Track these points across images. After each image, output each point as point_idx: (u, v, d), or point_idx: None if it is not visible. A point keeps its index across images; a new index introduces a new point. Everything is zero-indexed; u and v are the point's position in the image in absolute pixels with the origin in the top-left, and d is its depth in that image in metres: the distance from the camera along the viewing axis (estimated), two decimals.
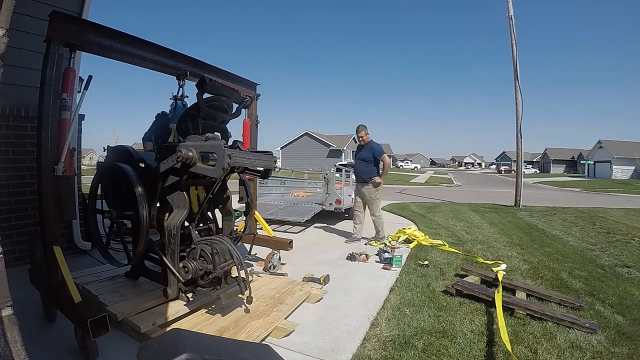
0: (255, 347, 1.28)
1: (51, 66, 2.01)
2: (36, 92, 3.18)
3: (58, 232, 2.16)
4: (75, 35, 2.18)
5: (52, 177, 2.06)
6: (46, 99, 2.01)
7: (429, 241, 5.32)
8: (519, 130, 10.83)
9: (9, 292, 0.81)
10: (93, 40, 2.30)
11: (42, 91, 2.01)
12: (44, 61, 2.02)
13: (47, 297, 2.38)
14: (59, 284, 2.08)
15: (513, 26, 10.69)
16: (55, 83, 2.04)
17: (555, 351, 2.27)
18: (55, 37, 2.03)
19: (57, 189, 2.12)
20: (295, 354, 2.18)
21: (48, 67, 2.00)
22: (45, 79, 2.00)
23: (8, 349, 0.78)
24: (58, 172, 2.07)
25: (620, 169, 40.30)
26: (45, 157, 2.04)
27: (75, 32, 2.18)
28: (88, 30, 2.29)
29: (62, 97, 2.10)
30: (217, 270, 2.26)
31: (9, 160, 3.45)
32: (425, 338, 2.41)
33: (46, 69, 2.00)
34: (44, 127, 2.02)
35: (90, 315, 1.88)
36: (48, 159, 2.05)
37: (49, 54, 2.01)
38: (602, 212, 9.69)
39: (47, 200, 2.06)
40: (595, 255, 4.88)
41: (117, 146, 2.76)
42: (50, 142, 2.04)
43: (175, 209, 2.38)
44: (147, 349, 1.02)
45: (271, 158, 2.59)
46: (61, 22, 2.09)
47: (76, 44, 2.20)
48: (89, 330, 1.83)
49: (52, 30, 2.03)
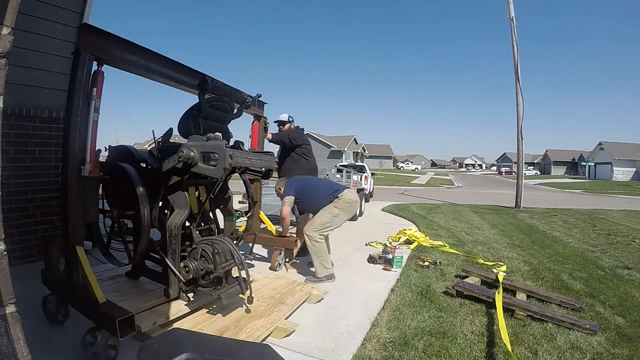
0: (255, 347, 1.28)
1: (82, 68, 2.04)
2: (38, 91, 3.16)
3: (82, 233, 2.18)
4: (103, 50, 2.19)
5: (78, 177, 2.06)
6: (75, 100, 2.03)
7: (430, 242, 5.32)
8: (519, 131, 10.83)
9: (13, 290, 0.82)
10: (119, 56, 2.31)
11: (71, 92, 2.04)
12: (73, 62, 2.06)
13: (63, 298, 2.36)
14: (81, 285, 2.09)
15: (514, 28, 10.70)
16: (84, 84, 2.06)
17: (555, 352, 2.26)
18: (84, 49, 2.06)
19: (82, 189, 2.12)
20: (296, 354, 2.18)
21: (79, 69, 2.03)
22: (76, 80, 2.02)
23: (11, 346, 0.79)
24: (85, 172, 2.07)
25: (621, 171, 40.27)
26: (72, 157, 2.04)
27: (103, 46, 2.19)
28: (115, 45, 2.29)
29: (92, 98, 2.11)
30: (218, 270, 2.27)
31: (10, 159, 3.46)
32: (426, 338, 2.41)
33: (77, 70, 2.03)
34: (72, 127, 2.03)
35: (118, 315, 1.90)
36: (75, 159, 2.05)
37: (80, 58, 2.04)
38: (603, 213, 9.68)
39: (72, 200, 2.07)
40: (595, 256, 4.88)
41: (118, 146, 2.76)
42: (78, 142, 2.05)
43: (177, 208, 2.38)
44: (147, 348, 1.02)
45: (272, 158, 2.59)
46: (90, 35, 2.10)
47: (104, 58, 2.21)
48: (117, 330, 1.84)
49: (81, 43, 2.05)
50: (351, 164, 14.78)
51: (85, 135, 2.09)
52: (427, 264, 4.13)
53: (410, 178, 36.73)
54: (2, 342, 0.79)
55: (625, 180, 37.72)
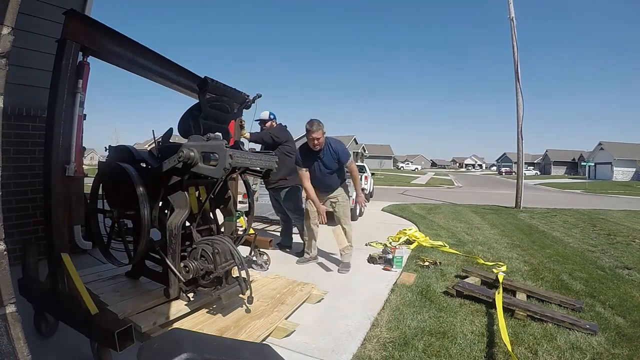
0: (255, 347, 1.28)
1: (67, 57, 1.85)
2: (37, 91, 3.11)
3: (67, 237, 2.01)
4: (91, 40, 2.01)
5: (62, 178, 1.91)
6: (60, 92, 1.85)
7: (430, 242, 5.32)
8: (519, 131, 10.83)
9: (13, 289, 0.82)
10: (107, 47, 2.15)
11: (54, 84, 1.86)
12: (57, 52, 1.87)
13: (46, 310, 2.14)
14: (68, 296, 1.89)
15: (514, 28, 10.69)
16: (70, 76, 1.89)
17: (555, 352, 2.26)
18: (71, 38, 1.88)
19: (67, 190, 1.96)
20: (296, 354, 2.18)
21: (64, 59, 1.84)
22: (61, 71, 1.84)
23: (11, 346, 0.79)
24: (69, 172, 1.92)
25: (621, 171, 40.31)
26: (55, 156, 1.87)
27: (91, 35, 2.01)
28: (104, 35, 2.12)
29: (76, 91, 1.95)
30: (218, 270, 2.27)
31: (10, 159, 3.46)
32: (426, 338, 2.41)
33: (61, 60, 1.84)
34: (56, 123, 1.85)
35: (116, 327, 1.72)
36: (59, 157, 1.89)
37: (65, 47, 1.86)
38: (603, 214, 9.68)
39: (56, 203, 1.89)
40: (595, 256, 4.88)
41: (118, 146, 2.76)
42: (62, 140, 1.88)
43: (177, 208, 2.38)
44: (147, 348, 1.02)
45: (272, 158, 2.59)
46: (77, 22, 1.93)
47: (91, 49, 2.03)
48: (116, 343, 1.66)
49: (68, 31, 1.87)
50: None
51: (70, 131, 1.93)
52: (427, 264, 4.12)
53: (410, 178, 36.73)
54: (2, 341, 0.79)
55: (625, 180, 37.74)
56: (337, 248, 4.01)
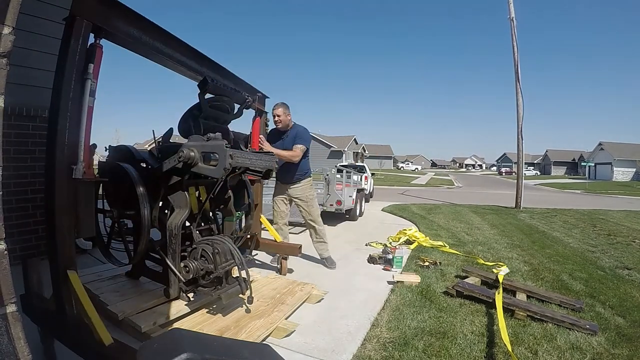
0: (255, 347, 1.28)
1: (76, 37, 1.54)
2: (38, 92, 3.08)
3: (74, 252, 1.67)
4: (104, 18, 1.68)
5: (68, 180, 1.60)
6: (67, 78, 1.54)
7: (430, 242, 5.32)
8: (519, 132, 10.84)
9: (14, 289, 0.82)
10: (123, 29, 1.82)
11: (60, 69, 1.55)
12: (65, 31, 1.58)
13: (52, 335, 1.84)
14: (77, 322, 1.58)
15: (514, 28, 10.70)
16: (79, 59, 1.57)
17: (555, 352, 2.26)
18: (81, 15, 1.56)
19: (74, 195, 1.64)
20: (296, 354, 2.18)
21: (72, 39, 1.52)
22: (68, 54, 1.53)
23: (12, 345, 0.79)
24: (77, 174, 1.61)
25: (621, 171, 40.28)
26: (60, 155, 1.55)
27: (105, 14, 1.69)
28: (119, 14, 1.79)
29: (86, 77, 1.63)
30: (218, 270, 2.27)
31: (10, 159, 3.46)
32: (426, 339, 2.41)
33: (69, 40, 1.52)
34: (62, 115, 1.53)
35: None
36: (64, 156, 1.57)
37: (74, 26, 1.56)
38: (603, 214, 9.68)
39: (60, 210, 1.56)
40: (595, 257, 4.88)
41: (118, 146, 2.76)
42: (69, 136, 1.57)
43: (177, 208, 2.38)
44: (147, 348, 1.02)
45: (272, 158, 2.59)
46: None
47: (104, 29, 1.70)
48: None
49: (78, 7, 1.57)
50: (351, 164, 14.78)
51: (78, 125, 1.63)
52: (427, 264, 4.12)
53: (410, 178, 36.73)
54: (3, 341, 0.79)
55: (625, 180, 37.72)
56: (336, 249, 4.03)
